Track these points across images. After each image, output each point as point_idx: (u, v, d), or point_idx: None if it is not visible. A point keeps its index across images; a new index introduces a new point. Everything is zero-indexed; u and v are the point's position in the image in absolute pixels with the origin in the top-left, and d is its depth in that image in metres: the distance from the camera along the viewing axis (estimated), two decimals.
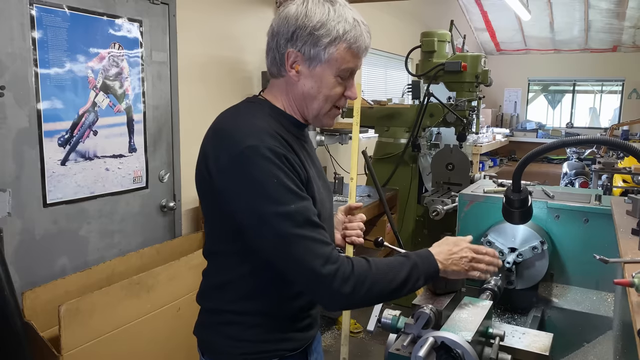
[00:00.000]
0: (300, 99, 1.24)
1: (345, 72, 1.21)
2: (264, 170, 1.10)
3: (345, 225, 1.48)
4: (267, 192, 1.10)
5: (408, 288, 1.19)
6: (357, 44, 1.19)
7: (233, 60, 3.33)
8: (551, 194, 1.87)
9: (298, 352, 1.33)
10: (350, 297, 1.12)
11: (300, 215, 1.12)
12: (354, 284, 1.12)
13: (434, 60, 3.98)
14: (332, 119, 1.30)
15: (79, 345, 1.92)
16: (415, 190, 4.18)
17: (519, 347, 1.30)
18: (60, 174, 2.28)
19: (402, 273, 1.19)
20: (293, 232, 1.10)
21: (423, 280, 1.22)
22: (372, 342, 3.48)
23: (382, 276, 1.17)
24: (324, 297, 1.15)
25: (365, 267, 1.16)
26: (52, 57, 2.20)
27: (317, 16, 1.17)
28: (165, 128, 2.82)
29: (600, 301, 1.71)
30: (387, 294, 1.18)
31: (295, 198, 1.12)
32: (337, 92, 1.23)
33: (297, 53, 1.19)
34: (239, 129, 1.16)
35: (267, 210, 1.10)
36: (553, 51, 9.08)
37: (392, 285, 1.17)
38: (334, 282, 1.11)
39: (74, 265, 2.37)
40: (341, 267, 1.12)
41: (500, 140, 7.98)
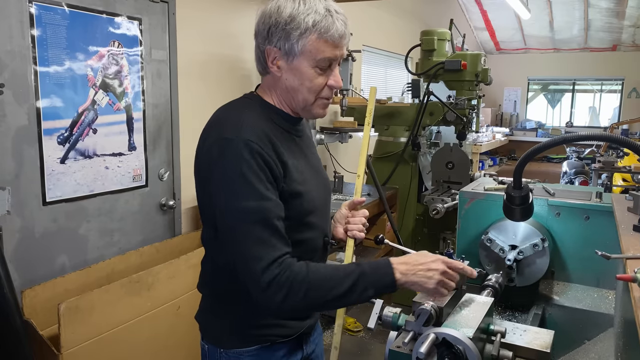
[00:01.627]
0: (286, 93, 1.28)
1: (323, 62, 1.23)
2: (232, 164, 1.15)
3: (347, 220, 1.50)
4: (229, 184, 1.15)
5: (353, 298, 1.17)
6: (329, 32, 1.21)
7: (232, 58, 3.32)
8: (552, 191, 1.87)
9: (292, 339, 1.37)
10: (282, 304, 1.14)
11: (256, 213, 1.15)
12: (286, 292, 1.13)
13: (433, 59, 3.97)
14: (322, 109, 1.31)
15: (79, 344, 1.91)
16: (415, 189, 4.18)
17: (520, 344, 1.30)
18: (59, 172, 2.28)
19: (345, 283, 1.16)
20: (244, 229, 1.14)
21: (372, 291, 1.18)
22: (372, 341, 3.47)
23: (320, 284, 1.16)
24: (257, 299, 1.17)
25: (303, 275, 1.16)
26: (51, 55, 2.19)
27: (288, 10, 1.20)
28: (165, 126, 2.81)
29: (601, 298, 1.71)
30: (325, 303, 1.18)
31: (255, 196, 1.15)
32: (318, 83, 1.25)
33: (275, 49, 1.23)
34: (223, 123, 1.23)
35: (227, 203, 1.16)
36: (553, 50, 9.07)
37: (331, 294, 1.16)
38: (268, 289, 1.13)
39: (73, 263, 2.37)
40: (279, 274, 1.14)
41: (500, 140, 7.98)
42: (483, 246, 1.79)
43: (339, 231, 1.49)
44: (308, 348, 1.46)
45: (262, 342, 1.34)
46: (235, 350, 1.34)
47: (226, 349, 1.35)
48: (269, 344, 1.34)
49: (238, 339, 1.33)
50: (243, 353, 1.33)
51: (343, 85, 3.39)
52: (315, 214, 1.33)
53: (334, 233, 1.50)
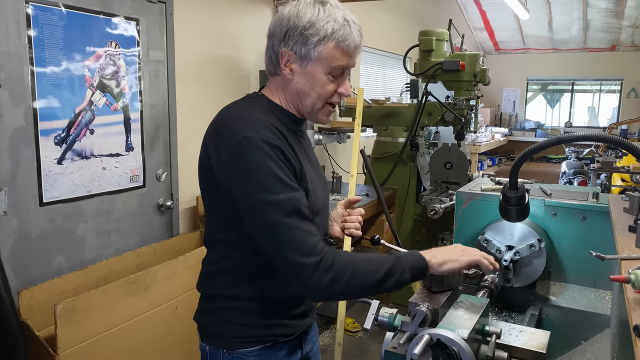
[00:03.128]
0: (295, 96, 1.30)
1: (336, 70, 1.25)
2: (257, 161, 1.16)
3: (344, 219, 1.53)
4: (258, 181, 1.16)
5: (393, 280, 1.20)
6: (346, 42, 1.23)
7: (231, 59, 3.32)
8: (548, 191, 1.87)
9: (292, 338, 1.38)
10: (329, 288, 1.16)
11: (289, 204, 1.16)
12: (333, 275, 1.15)
13: (432, 59, 3.98)
14: (327, 115, 1.34)
15: (75, 345, 1.91)
16: (414, 190, 4.18)
17: (515, 345, 1.29)
18: (56, 173, 2.28)
19: (385, 265, 1.20)
20: (280, 221, 1.15)
21: (409, 273, 1.22)
22: (370, 341, 3.47)
23: (363, 268, 1.19)
24: (304, 287, 1.18)
25: (346, 258, 1.19)
26: (48, 56, 2.19)
27: (307, 16, 1.22)
28: (163, 127, 2.81)
29: (598, 299, 1.71)
30: (370, 286, 1.20)
31: (285, 188, 1.17)
32: (329, 90, 1.27)
33: (290, 52, 1.25)
34: (237, 122, 1.22)
35: (257, 198, 1.16)
36: (552, 50, 9.08)
37: (375, 276, 1.19)
38: (315, 273, 1.14)
39: (70, 264, 2.37)
40: (323, 258, 1.15)
41: (498, 140, 7.98)
42: (479, 246, 1.79)
43: (336, 230, 1.52)
44: (307, 346, 1.48)
45: (265, 342, 1.34)
46: (239, 351, 1.33)
47: (229, 349, 1.34)
48: (271, 344, 1.35)
49: (240, 340, 1.33)
50: (246, 353, 1.33)
51: None
52: (319, 215, 1.35)
53: (330, 232, 1.52)
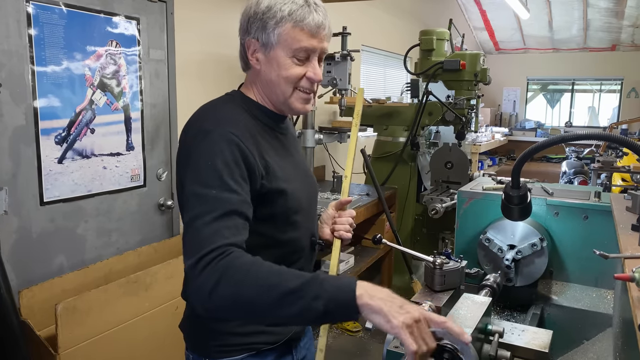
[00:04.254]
0: (266, 87, 1.27)
1: (299, 51, 1.21)
2: (205, 152, 1.12)
3: (334, 220, 1.46)
4: (197, 172, 1.11)
5: (299, 306, 0.95)
6: (305, 21, 1.19)
7: (231, 58, 3.31)
8: (550, 191, 1.86)
9: (279, 345, 1.32)
10: (211, 295, 0.98)
11: (218, 203, 1.07)
12: (218, 277, 0.98)
13: (432, 59, 3.97)
14: (302, 103, 1.27)
15: (76, 344, 1.91)
16: (414, 189, 4.18)
17: (518, 344, 1.29)
18: (57, 172, 2.27)
19: (293, 282, 0.96)
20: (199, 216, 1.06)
21: (324, 301, 0.94)
22: (371, 341, 3.47)
23: (259, 277, 0.98)
24: (190, 289, 1.03)
25: (244, 262, 1.01)
26: (48, 55, 2.19)
27: (266, 2, 1.21)
28: (163, 126, 2.81)
29: (600, 298, 1.70)
30: (262, 306, 0.97)
31: (222, 186, 1.09)
32: (295, 73, 1.22)
33: (254, 41, 1.23)
34: (201, 116, 1.22)
35: (190, 189, 1.11)
36: (552, 50, 9.07)
37: (271, 294, 0.96)
38: (200, 274, 0.99)
39: (71, 263, 2.36)
40: (215, 259, 1.00)
41: (499, 140, 7.98)
42: (481, 246, 1.79)
43: (326, 232, 1.45)
44: (298, 354, 1.41)
45: (249, 351, 1.28)
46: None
47: (212, 359, 1.29)
48: (255, 352, 1.29)
49: (223, 349, 1.28)
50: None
51: (342, 85, 3.39)
52: (301, 213, 1.30)
53: (320, 234, 1.46)
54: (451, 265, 1.48)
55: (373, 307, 0.94)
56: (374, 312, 0.94)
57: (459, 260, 1.50)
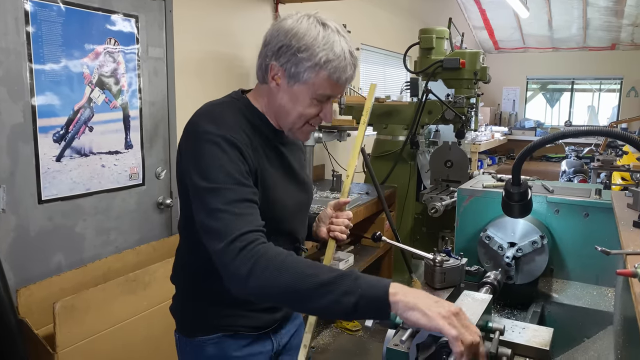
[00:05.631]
0: (276, 109, 1.29)
1: (322, 96, 1.24)
2: (209, 152, 1.16)
3: (331, 220, 1.49)
4: (205, 171, 1.15)
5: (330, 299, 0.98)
6: (337, 74, 1.20)
7: (230, 56, 3.31)
8: (551, 188, 1.86)
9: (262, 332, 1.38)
10: (248, 277, 1.04)
11: (232, 193, 1.13)
12: (253, 263, 1.04)
13: (432, 57, 3.97)
14: (305, 135, 1.33)
15: (74, 343, 1.90)
16: (414, 188, 4.17)
17: (519, 342, 1.28)
18: (55, 170, 2.26)
19: (326, 274, 1.00)
20: (219, 207, 1.11)
21: (355, 298, 0.96)
22: (370, 340, 3.46)
23: (296, 267, 1.03)
24: (225, 274, 1.10)
25: (277, 252, 1.07)
26: (46, 52, 2.18)
27: (305, 38, 1.19)
28: (162, 124, 2.80)
29: (601, 296, 1.70)
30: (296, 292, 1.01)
31: (230, 180, 1.14)
32: (311, 113, 1.26)
33: (280, 68, 1.22)
34: (203, 119, 1.23)
35: (201, 186, 1.15)
36: (551, 49, 9.07)
37: (306, 281, 0.99)
38: (236, 259, 1.05)
39: (69, 262, 2.35)
40: (249, 245, 1.06)
41: (498, 139, 7.98)
42: (481, 243, 1.78)
43: (322, 231, 1.49)
44: (279, 339, 1.45)
45: (224, 331, 1.34)
46: (198, 339, 1.35)
47: (190, 337, 1.37)
48: (231, 333, 1.35)
49: (201, 327, 1.35)
50: (205, 341, 1.35)
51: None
52: (286, 222, 1.34)
53: (317, 232, 1.50)
54: (451, 263, 1.48)
55: (408, 303, 0.94)
56: (409, 309, 0.94)
57: (459, 258, 1.49)
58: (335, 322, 3.68)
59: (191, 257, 1.35)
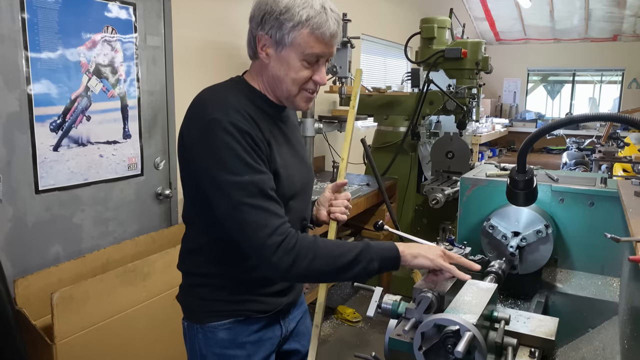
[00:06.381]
0: (271, 81, 1.31)
1: (310, 56, 1.26)
2: (223, 142, 1.18)
3: (331, 203, 1.53)
4: (223, 163, 1.18)
5: (360, 268, 1.22)
6: (321, 30, 1.23)
7: (229, 45, 3.27)
8: (555, 177, 1.83)
9: (268, 315, 1.41)
10: (290, 269, 1.18)
11: (253, 186, 1.18)
12: (295, 257, 1.18)
13: (433, 47, 3.93)
14: (305, 102, 1.34)
15: (73, 334, 1.88)
16: (415, 179, 4.14)
17: (524, 332, 1.26)
18: (52, 160, 2.23)
19: (352, 251, 1.22)
20: (244, 201, 1.17)
21: (377, 262, 1.23)
22: (371, 331, 3.45)
23: (328, 252, 1.21)
24: (266, 266, 1.20)
25: (310, 241, 1.22)
26: (42, 40, 2.14)
27: (284, 1, 1.23)
28: (161, 114, 2.76)
29: (606, 286, 1.67)
30: (334, 271, 1.22)
31: (250, 170, 1.19)
32: (303, 76, 1.28)
33: (266, 36, 1.26)
34: (209, 104, 1.25)
35: (222, 179, 1.18)
36: (553, 40, 9.00)
37: (339, 261, 1.21)
38: (276, 253, 1.17)
39: (67, 253, 2.33)
40: (286, 239, 1.18)
41: (499, 131, 7.95)
42: (485, 233, 1.76)
43: (323, 214, 1.52)
44: (287, 325, 1.50)
45: (236, 316, 1.37)
46: (210, 325, 1.37)
47: (202, 324, 1.38)
48: (243, 318, 1.38)
49: (212, 314, 1.37)
50: (217, 327, 1.37)
51: (342, 73, 3.35)
52: (295, 198, 1.37)
53: (317, 216, 1.54)
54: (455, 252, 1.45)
55: (412, 253, 1.25)
56: (414, 258, 1.25)
57: (462, 247, 1.47)
58: (336, 314, 3.67)
59: (201, 243, 1.37)
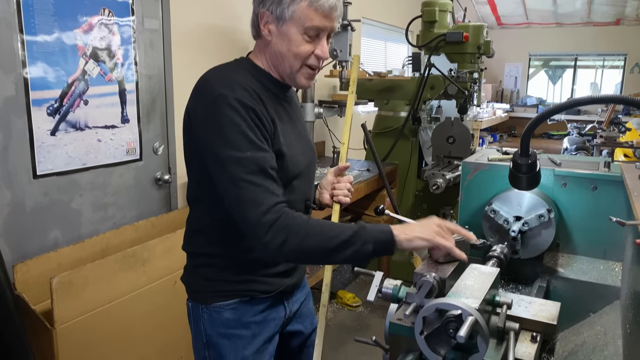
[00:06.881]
0: (274, 58, 1.32)
1: (311, 30, 1.26)
2: (227, 118, 1.19)
3: (333, 186, 1.54)
4: (226, 138, 1.19)
5: (352, 250, 1.19)
6: (319, 2, 1.24)
7: (229, 29, 3.23)
8: (558, 161, 1.81)
9: (272, 295, 1.42)
10: (281, 248, 1.17)
11: (254, 163, 1.19)
12: (286, 235, 1.17)
13: (435, 31, 3.88)
14: (307, 79, 1.35)
15: (73, 319, 1.87)
16: (415, 165, 4.13)
17: (525, 317, 1.26)
18: (50, 145, 2.21)
19: (345, 232, 1.19)
20: (243, 177, 1.18)
21: (372, 245, 1.20)
22: (371, 316, 3.46)
23: (320, 232, 1.19)
24: (257, 244, 1.20)
25: (303, 220, 1.20)
26: (38, 22, 2.10)
27: None
28: (159, 98, 2.73)
29: (608, 270, 1.66)
30: (325, 252, 1.20)
31: (252, 147, 1.19)
32: (304, 50, 1.28)
33: (267, 12, 1.28)
34: (215, 81, 1.26)
35: (224, 154, 1.19)
36: (555, 25, 8.91)
37: (331, 242, 1.18)
38: (269, 231, 1.17)
39: (67, 238, 2.32)
40: (280, 218, 1.18)
41: (500, 116, 7.90)
42: (487, 217, 1.74)
43: (325, 197, 1.53)
44: (291, 306, 1.51)
45: (241, 297, 1.38)
46: (215, 305, 1.38)
47: (207, 304, 1.39)
48: (247, 299, 1.39)
49: (217, 294, 1.38)
50: (223, 307, 1.38)
51: (342, 56, 3.31)
52: (299, 179, 1.38)
53: (320, 199, 1.54)
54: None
55: (407, 236, 1.20)
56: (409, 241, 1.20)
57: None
58: (336, 298, 3.67)
59: (204, 224, 1.37)
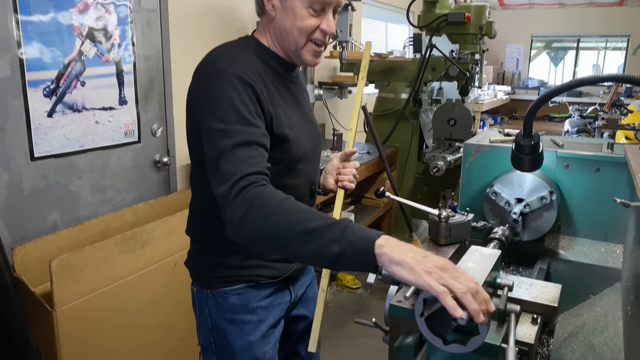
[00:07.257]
0: (279, 34, 1.29)
1: (316, 3, 1.23)
2: (221, 90, 1.16)
3: (338, 171, 1.50)
4: (215, 110, 1.15)
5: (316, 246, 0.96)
6: None
7: (228, 9, 3.18)
8: (560, 143, 1.79)
9: (278, 280, 1.41)
10: (241, 221, 1.04)
11: (240, 135, 1.13)
12: (247, 206, 1.04)
13: (436, 11, 3.83)
14: (313, 56, 1.31)
15: (72, 301, 1.87)
16: (416, 147, 4.11)
17: (526, 299, 1.25)
18: (47, 126, 2.19)
19: (315, 221, 0.98)
20: (225, 148, 1.12)
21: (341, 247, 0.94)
22: (370, 298, 3.47)
23: (285, 213, 1.02)
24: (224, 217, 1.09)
25: (273, 196, 1.05)
26: (33, 2, 2.06)
27: None
28: (157, 80, 2.70)
29: (609, 252, 1.66)
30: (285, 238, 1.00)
31: (242, 121, 1.14)
32: (310, 24, 1.24)
33: None
34: (216, 58, 1.24)
35: (211, 126, 1.15)
36: (557, 5, 8.80)
37: (294, 229, 0.99)
38: (234, 202, 1.06)
39: (65, 220, 2.31)
40: (247, 187, 1.06)
41: (501, 98, 7.86)
42: (488, 199, 1.73)
43: (330, 182, 1.50)
44: (296, 291, 1.50)
45: (247, 282, 1.36)
46: (221, 290, 1.36)
47: (212, 289, 1.37)
48: (253, 284, 1.37)
49: (223, 279, 1.36)
50: (228, 292, 1.36)
51: (343, 37, 3.26)
52: (303, 161, 1.35)
53: (325, 184, 1.51)
54: (457, 219, 1.43)
55: (393, 257, 0.91)
56: (394, 264, 0.91)
57: (465, 214, 1.45)
58: (336, 280, 3.68)
59: (205, 207, 1.35)
